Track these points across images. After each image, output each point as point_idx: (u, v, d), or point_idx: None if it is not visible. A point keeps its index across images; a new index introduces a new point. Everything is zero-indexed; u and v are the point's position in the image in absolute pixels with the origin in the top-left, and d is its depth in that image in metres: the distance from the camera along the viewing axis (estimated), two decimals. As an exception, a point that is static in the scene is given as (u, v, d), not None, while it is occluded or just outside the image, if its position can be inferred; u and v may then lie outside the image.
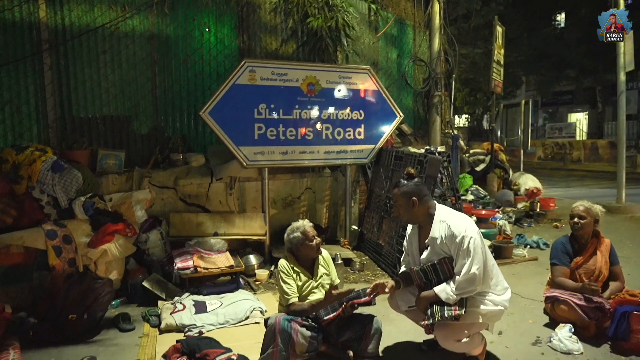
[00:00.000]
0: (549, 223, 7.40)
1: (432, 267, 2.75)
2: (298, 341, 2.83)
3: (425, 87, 6.50)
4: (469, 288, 2.63)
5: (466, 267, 2.62)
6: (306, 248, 3.12)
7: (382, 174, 5.55)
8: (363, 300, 2.95)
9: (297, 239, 3.11)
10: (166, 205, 5.03)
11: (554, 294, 3.51)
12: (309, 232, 3.12)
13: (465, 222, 2.72)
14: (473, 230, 2.69)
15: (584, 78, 23.54)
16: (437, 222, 2.77)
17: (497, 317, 2.85)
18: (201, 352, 2.80)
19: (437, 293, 2.68)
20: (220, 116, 4.71)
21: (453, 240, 2.67)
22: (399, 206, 2.85)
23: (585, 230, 3.60)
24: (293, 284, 3.05)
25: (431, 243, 2.78)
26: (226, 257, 4.34)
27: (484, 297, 2.74)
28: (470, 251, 2.62)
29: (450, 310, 2.62)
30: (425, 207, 2.82)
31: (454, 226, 2.69)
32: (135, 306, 4.04)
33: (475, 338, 2.78)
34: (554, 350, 3.13)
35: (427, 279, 2.79)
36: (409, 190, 2.80)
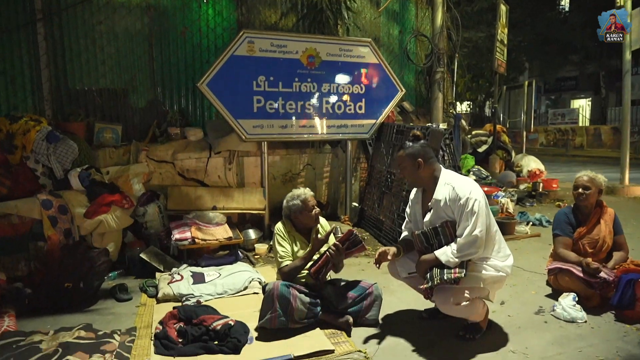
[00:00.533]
0: (551, 203, 7.34)
1: (433, 231, 2.69)
2: (297, 307, 2.78)
3: (427, 62, 6.38)
4: (470, 250, 2.56)
5: (469, 229, 2.55)
6: (305, 217, 3.06)
7: (383, 149, 5.47)
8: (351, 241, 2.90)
9: (296, 207, 3.05)
10: (164, 179, 4.96)
11: (556, 266, 3.45)
12: (310, 201, 3.06)
13: (471, 185, 2.65)
14: (478, 192, 2.62)
15: (588, 63, 23.29)
16: (442, 184, 2.70)
17: (499, 284, 2.79)
18: (198, 318, 2.76)
19: (438, 256, 2.62)
20: (218, 88, 4.63)
21: (457, 202, 2.60)
22: (404, 168, 2.78)
23: (589, 200, 3.52)
24: (288, 247, 3.00)
25: (434, 205, 2.71)
26: (224, 229, 4.29)
27: (485, 262, 2.68)
28: (474, 213, 2.55)
29: (450, 273, 2.56)
30: (430, 169, 2.74)
31: (459, 188, 2.62)
32: (133, 278, 3.99)
33: (476, 303, 2.71)
34: (557, 319, 3.08)
35: (428, 243, 2.73)
36: (414, 152, 2.73)
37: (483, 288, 2.71)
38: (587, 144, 20.23)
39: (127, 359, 2.55)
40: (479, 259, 2.66)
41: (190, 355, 2.54)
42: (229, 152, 5.16)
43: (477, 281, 2.66)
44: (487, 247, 2.64)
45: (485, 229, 2.57)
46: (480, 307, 2.76)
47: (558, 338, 2.81)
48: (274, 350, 2.61)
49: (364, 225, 5.56)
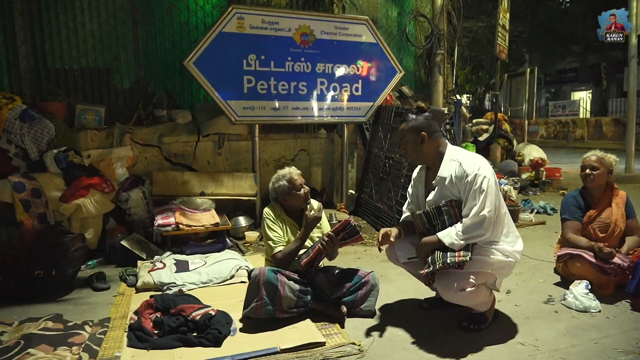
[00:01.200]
0: (555, 192, 7.10)
1: (436, 210, 2.44)
2: (285, 295, 2.54)
3: (427, 44, 6.10)
4: (477, 232, 2.31)
5: (476, 208, 2.30)
6: (293, 198, 2.81)
7: (380, 133, 5.21)
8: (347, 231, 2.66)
9: (282, 188, 2.80)
10: (150, 164, 4.71)
11: (566, 252, 3.21)
12: (296, 180, 2.81)
13: (480, 161, 2.39)
14: (487, 169, 2.37)
15: (589, 54, 22.99)
16: (448, 160, 2.45)
17: (507, 270, 2.54)
18: (176, 308, 2.52)
19: (441, 238, 2.37)
20: (206, 67, 4.35)
21: (464, 179, 2.35)
22: (406, 142, 2.52)
23: (598, 182, 3.27)
24: (280, 231, 2.75)
25: (439, 183, 2.46)
26: (211, 214, 4.04)
27: (493, 246, 2.43)
28: (483, 191, 2.30)
29: (454, 256, 2.31)
30: (435, 144, 2.49)
31: (466, 164, 2.36)
32: (114, 267, 3.74)
33: (482, 290, 2.46)
34: (568, 309, 2.84)
35: (430, 224, 2.48)
36: (418, 125, 2.47)
37: (490, 274, 2.46)
38: (588, 136, 19.97)
39: (96, 352, 2.30)
40: (486, 242, 2.42)
41: (166, 348, 2.29)
42: (219, 135, 4.91)
43: (483, 266, 2.41)
44: (495, 230, 2.39)
45: (494, 210, 2.32)
46: (487, 295, 2.52)
47: (570, 329, 2.58)
48: (258, 343, 2.36)
49: (360, 213, 5.32)
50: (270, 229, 2.75)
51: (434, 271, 2.36)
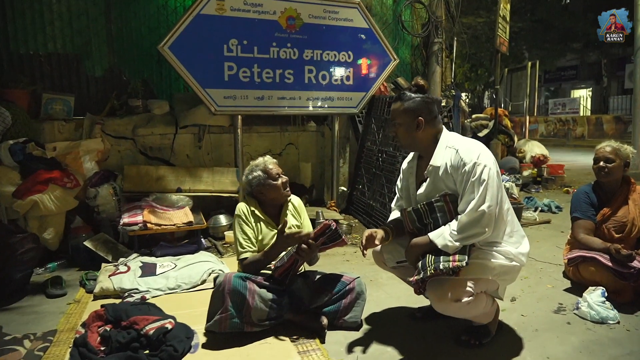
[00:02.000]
0: (558, 189, 6.76)
1: (428, 207, 2.08)
2: (255, 305, 2.19)
3: (424, 32, 5.74)
4: (475, 230, 1.95)
5: (474, 202, 1.94)
6: (270, 189, 2.45)
7: (373, 125, 4.86)
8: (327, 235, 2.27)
9: (257, 179, 2.45)
10: (124, 158, 4.36)
11: (579, 254, 2.86)
12: (272, 169, 2.46)
13: (479, 148, 2.04)
14: (488, 158, 2.01)
15: (590, 51, 22.67)
16: (442, 147, 2.10)
17: (512, 276, 2.18)
18: (129, 320, 2.16)
19: (432, 239, 2.02)
20: (183, 52, 3.99)
21: (460, 169, 1.99)
22: (399, 125, 2.15)
23: (613, 176, 2.92)
24: (250, 233, 2.40)
25: (432, 173, 2.11)
26: (184, 212, 3.67)
27: (494, 248, 2.08)
28: (482, 182, 1.95)
29: (448, 261, 1.95)
30: (432, 130, 2.13)
31: (464, 151, 2.01)
32: (76, 270, 3.39)
33: (482, 299, 2.10)
34: (582, 319, 2.49)
35: (421, 223, 2.13)
36: (415, 107, 2.10)
37: (491, 281, 2.11)
38: (589, 134, 19.65)
39: (29, 374, 1.95)
40: (486, 243, 2.07)
41: (111, 369, 1.94)
42: (199, 127, 4.55)
43: (483, 271, 2.05)
44: (497, 228, 2.03)
45: (495, 204, 1.96)
46: (488, 305, 2.16)
47: (586, 344, 2.23)
48: (222, 362, 2.01)
49: (352, 212, 4.97)
50: (240, 230, 2.40)
51: (424, 278, 2.00)
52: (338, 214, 4.73)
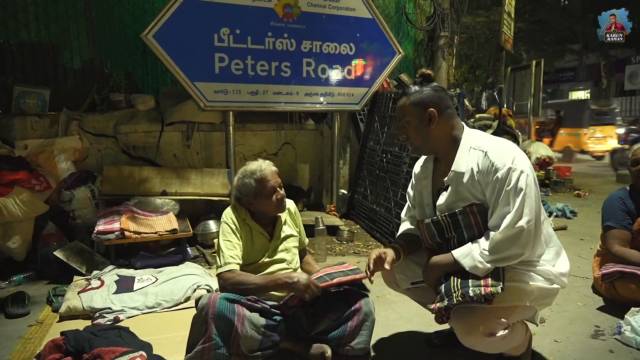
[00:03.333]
0: (569, 192, 6.45)
1: (451, 219, 1.73)
2: (245, 333, 1.82)
3: (430, 24, 5.40)
4: (512, 251, 1.61)
5: (511, 217, 1.59)
6: (260, 204, 2.09)
7: (377, 123, 4.51)
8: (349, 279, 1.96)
9: (248, 188, 2.08)
10: (104, 157, 3.99)
11: (615, 269, 2.51)
12: (269, 181, 2.08)
13: (512, 150, 1.68)
14: (524, 161, 1.65)
15: (589, 52, 22.50)
16: (466, 149, 1.74)
17: (550, 300, 1.83)
18: (92, 352, 1.78)
19: (458, 259, 1.66)
20: (169, 41, 3.63)
21: (492, 175, 1.64)
22: (407, 123, 1.80)
23: (654, 180, 2.59)
24: (237, 244, 2.04)
25: (454, 180, 1.75)
26: (168, 218, 3.30)
27: (532, 268, 1.73)
28: (519, 191, 1.60)
29: (479, 286, 1.60)
30: (447, 125, 1.78)
31: (495, 154, 1.66)
32: (45, 283, 3.02)
33: (518, 330, 1.76)
34: (626, 346, 2.14)
35: (442, 238, 1.77)
36: (423, 98, 1.75)
37: (529, 307, 1.75)
38: (588, 136, 19.44)
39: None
40: (521, 262, 1.71)
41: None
42: (187, 124, 4.18)
43: (520, 297, 1.70)
44: (535, 246, 1.68)
45: (534, 219, 1.61)
46: (522, 335, 1.81)
47: (638, 379, 1.88)
48: (202, 407, 1.64)
49: (353, 217, 4.62)
50: (226, 240, 2.03)
51: (449, 306, 1.64)
52: (338, 219, 4.38)
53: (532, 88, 9.26)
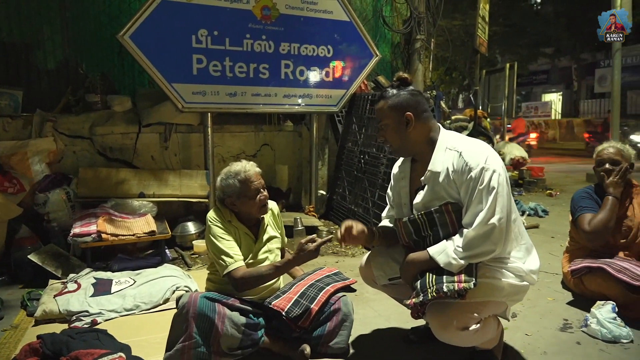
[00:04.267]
0: (541, 192, 6.62)
1: (427, 217, 1.78)
2: (225, 331, 1.84)
3: (406, 27, 5.50)
4: (484, 248, 1.67)
5: (483, 215, 1.65)
6: (244, 205, 2.10)
7: (354, 125, 4.57)
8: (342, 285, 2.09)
9: (232, 190, 2.09)
10: (80, 159, 3.94)
11: (583, 265, 2.61)
12: (253, 181, 2.09)
13: (485, 150, 1.75)
14: (496, 161, 1.72)
15: (561, 56, 23.15)
16: (442, 149, 1.80)
17: (521, 296, 1.90)
18: (69, 355, 1.78)
19: (433, 255, 1.72)
20: (146, 42, 3.61)
21: (466, 175, 1.70)
22: (386, 127, 1.85)
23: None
24: (233, 241, 2.05)
25: (430, 180, 1.81)
26: (146, 220, 3.28)
27: (504, 265, 1.80)
28: (492, 190, 1.66)
29: (452, 281, 1.66)
30: (425, 127, 1.84)
31: (469, 154, 1.72)
32: (19, 287, 2.97)
33: (490, 325, 1.83)
34: (592, 338, 2.23)
35: (418, 236, 1.83)
36: (401, 102, 1.81)
37: (500, 302, 1.83)
38: (560, 137, 20.01)
39: None
40: (493, 259, 1.78)
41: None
42: (165, 126, 4.16)
43: (492, 292, 1.77)
44: (506, 243, 1.75)
45: (506, 216, 1.69)
46: (495, 329, 1.88)
47: (603, 368, 1.97)
48: (182, 406, 1.66)
49: (332, 217, 4.66)
50: (221, 239, 2.02)
51: (424, 301, 1.70)
52: (317, 219, 4.41)
53: (506, 90, 9.50)
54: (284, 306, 1.93)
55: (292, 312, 1.93)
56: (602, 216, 2.54)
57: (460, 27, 17.24)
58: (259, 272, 1.98)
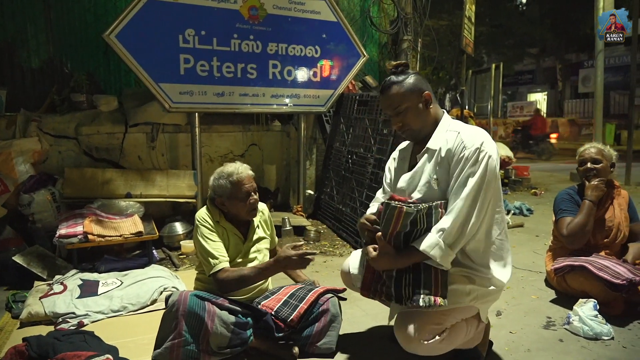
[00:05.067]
0: (526, 191, 6.73)
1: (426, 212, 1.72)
2: (215, 330, 1.86)
3: (393, 28, 5.53)
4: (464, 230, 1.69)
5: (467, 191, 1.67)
6: (234, 206, 2.11)
7: (342, 125, 4.59)
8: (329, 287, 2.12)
9: (223, 190, 2.10)
10: (65, 159, 3.89)
11: (566, 263, 2.67)
12: (244, 184, 2.10)
13: (483, 135, 1.75)
14: (492, 147, 1.73)
15: (546, 56, 23.46)
16: (442, 130, 1.82)
17: (492, 298, 1.89)
18: (56, 357, 1.77)
19: (426, 250, 1.67)
20: (132, 42, 3.58)
21: (459, 154, 1.71)
22: (406, 109, 1.81)
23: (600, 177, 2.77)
24: (219, 242, 2.06)
25: (425, 158, 1.82)
26: (133, 221, 3.26)
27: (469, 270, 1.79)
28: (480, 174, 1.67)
29: (429, 295, 1.67)
30: (437, 106, 1.87)
31: (467, 135, 1.73)
32: (4, 289, 2.93)
33: (460, 329, 1.81)
34: (574, 335, 2.29)
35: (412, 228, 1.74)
36: (417, 83, 1.81)
37: (468, 307, 1.81)
38: (545, 136, 20.26)
39: None
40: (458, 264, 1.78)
41: None
42: (152, 126, 4.13)
43: (457, 299, 1.75)
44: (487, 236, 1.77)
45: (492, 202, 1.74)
46: (471, 331, 1.86)
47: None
48: (171, 407, 1.66)
49: (320, 217, 4.68)
50: (207, 239, 2.04)
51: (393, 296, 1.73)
52: (305, 219, 4.43)
53: (492, 90, 9.60)
54: (273, 306, 1.95)
55: (281, 311, 1.94)
56: (579, 220, 2.63)
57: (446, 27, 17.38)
58: (240, 274, 1.99)
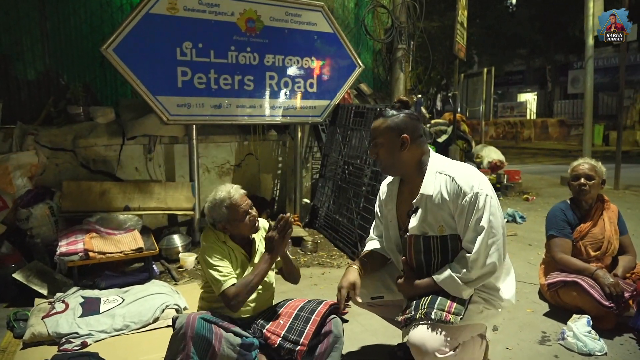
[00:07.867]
0: (518, 196, 6.82)
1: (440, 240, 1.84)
2: (222, 351, 1.88)
3: (388, 37, 5.59)
4: (486, 270, 1.77)
5: (481, 240, 1.74)
6: (235, 228, 2.14)
7: (338, 135, 4.63)
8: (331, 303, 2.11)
9: (221, 217, 2.12)
10: (62, 172, 3.88)
11: (559, 279, 2.74)
12: (239, 205, 2.12)
13: (476, 175, 1.82)
14: (487, 184, 1.80)
15: (535, 57, 23.69)
16: (432, 173, 1.86)
17: (500, 316, 2.01)
18: (64, 382, 1.79)
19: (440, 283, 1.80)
20: (130, 55, 3.59)
21: (461, 199, 1.77)
22: (381, 145, 1.89)
23: (593, 193, 2.85)
24: (226, 260, 2.09)
25: (423, 203, 1.86)
26: (133, 236, 3.27)
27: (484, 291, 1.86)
28: (486, 215, 1.74)
29: (442, 310, 1.73)
30: (417, 151, 1.89)
31: (461, 178, 1.79)
32: (4, 307, 2.94)
33: (474, 345, 1.89)
34: (569, 351, 2.36)
35: (427, 255, 1.86)
36: (399, 124, 1.86)
37: (480, 324, 1.89)
38: (535, 137, 20.48)
39: None
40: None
41: None
42: (149, 138, 4.14)
43: (472, 316, 1.82)
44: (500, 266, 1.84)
45: (502, 239, 1.79)
46: (477, 349, 1.94)
47: (579, 381, 2.09)
48: None
49: (316, 226, 4.72)
50: (215, 258, 2.06)
51: (412, 318, 1.78)
52: (302, 229, 4.47)
53: (484, 94, 9.72)
54: (275, 340, 2.00)
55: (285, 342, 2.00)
56: (571, 264, 2.75)
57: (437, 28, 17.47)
58: (246, 282, 2.02)
